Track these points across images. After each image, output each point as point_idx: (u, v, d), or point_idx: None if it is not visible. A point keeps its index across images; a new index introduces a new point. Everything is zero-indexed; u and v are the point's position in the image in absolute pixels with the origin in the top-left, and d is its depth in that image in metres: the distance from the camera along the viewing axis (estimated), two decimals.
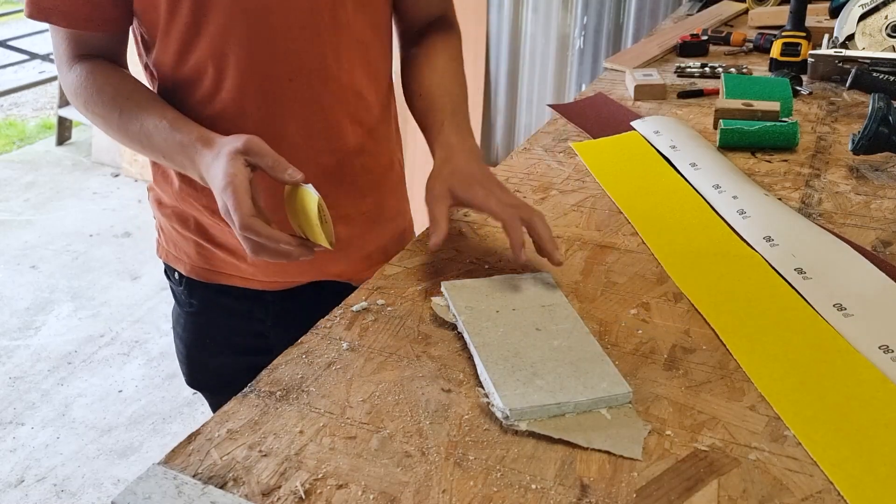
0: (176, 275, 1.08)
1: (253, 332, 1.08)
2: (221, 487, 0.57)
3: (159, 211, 1.06)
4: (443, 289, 0.79)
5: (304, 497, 0.56)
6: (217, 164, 0.77)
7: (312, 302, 0.91)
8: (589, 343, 0.70)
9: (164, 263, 1.09)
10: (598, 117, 1.30)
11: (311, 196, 0.76)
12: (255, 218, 0.74)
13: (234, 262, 1.02)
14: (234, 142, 0.77)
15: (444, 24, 1.06)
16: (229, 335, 1.09)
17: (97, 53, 0.92)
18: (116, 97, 0.88)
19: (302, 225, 0.78)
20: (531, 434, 0.61)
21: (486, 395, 0.65)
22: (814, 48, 1.49)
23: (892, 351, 0.70)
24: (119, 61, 0.95)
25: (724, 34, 1.70)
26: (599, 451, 0.59)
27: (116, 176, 3.90)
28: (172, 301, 1.14)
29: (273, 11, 0.87)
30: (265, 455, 0.60)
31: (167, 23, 0.88)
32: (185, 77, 0.92)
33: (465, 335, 0.72)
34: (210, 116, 0.91)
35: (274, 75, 0.90)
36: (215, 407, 1.15)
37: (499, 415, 0.62)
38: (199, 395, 2.40)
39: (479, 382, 0.67)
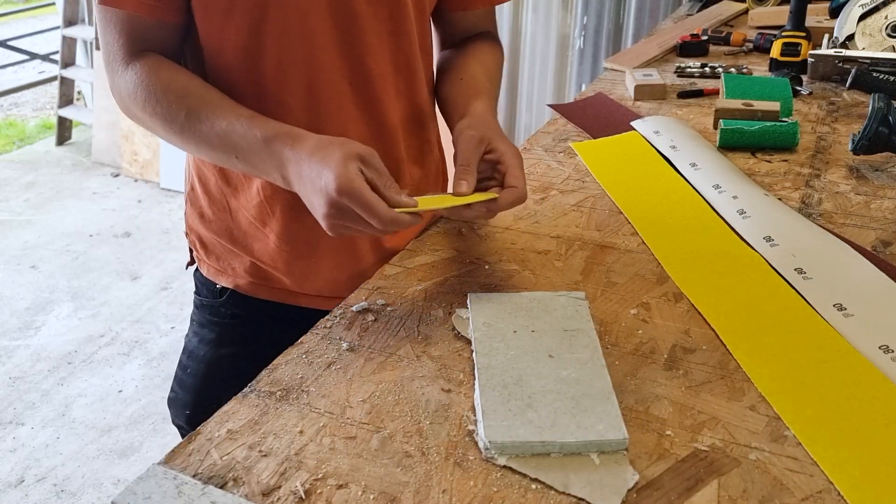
0: (218, 287, 1.05)
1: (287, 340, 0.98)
2: (221, 487, 0.57)
3: (203, 225, 1.03)
4: (468, 301, 0.77)
5: (304, 497, 0.56)
6: (318, 164, 0.74)
7: None
8: (600, 377, 0.67)
9: (204, 279, 1.06)
10: (598, 117, 1.30)
11: None
12: (395, 212, 0.72)
13: (279, 276, 1.00)
14: (345, 145, 0.74)
15: (488, 36, 1.06)
16: (270, 348, 1.02)
17: (155, 50, 0.87)
18: (184, 96, 0.83)
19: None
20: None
21: (474, 422, 0.63)
22: (814, 48, 1.49)
23: (892, 351, 0.70)
24: (177, 58, 0.91)
25: (724, 34, 1.70)
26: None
27: (116, 176, 3.90)
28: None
29: (341, 12, 0.88)
30: (265, 455, 0.60)
31: (229, 11, 0.86)
32: (243, 72, 0.89)
33: (473, 354, 0.70)
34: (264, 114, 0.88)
35: (335, 79, 0.90)
36: None
37: (480, 444, 0.60)
38: None
39: (473, 406, 0.65)
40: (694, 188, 1.03)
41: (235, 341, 1.06)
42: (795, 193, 1.03)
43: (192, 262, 1.11)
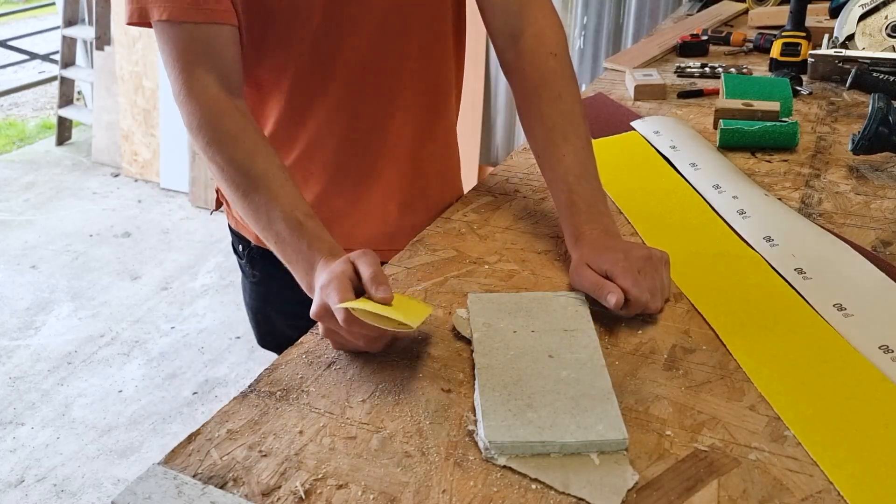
0: (240, 247, 1.11)
1: (307, 303, 1.05)
2: (221, 487, 0.57)
3: None
4: (468, 301, 0.77)
5: (304, 497, 0.56)
6: (329, 267, 0.75)
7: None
8: (600, 378, 0.66)
9: (231, 235, 1.13)
10: (598, 117, 1.30)
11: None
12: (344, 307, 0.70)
13: None
14: (352, 254, 0.75)
15: (538, 35, 0.96)
16: (286, 304, 1.05)
17: (216, 71, 0.85)
18: (246, 174, 0.83)
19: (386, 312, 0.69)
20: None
21: (474, 422, 0.63)
22: (814, 48, 1.49)
23: (892, 351, 0.70)
24: (238, 82, 0.88)
25: (724, 34, 1.70)
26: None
27: (116, 176, 3.90)
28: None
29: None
30: (265, 455, 0.60)
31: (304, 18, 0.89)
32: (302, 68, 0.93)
33: (473, 354, 0.70)
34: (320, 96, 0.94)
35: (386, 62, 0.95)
36: None
37: (480, 445, 0.60)
38: (200, 395, 2.41)
39: (473, 406, 0.65)
40: (694, 188, 1.03)
41: (260, 298, 1.14)
42: (795, 193, 1.03)
43: (217, 208, 1.15)
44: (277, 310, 1.13)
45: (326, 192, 1.01)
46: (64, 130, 4.34)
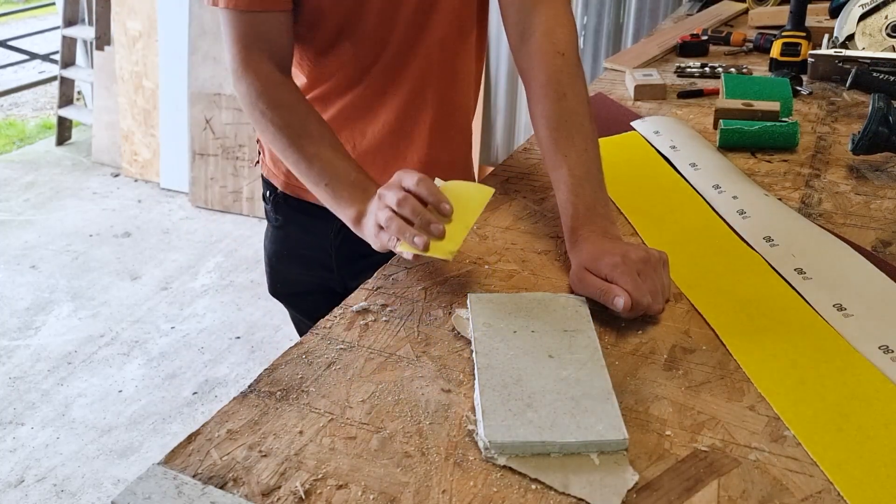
0: (268, 193, 1.20)
1: (320, 248, 1.17)
2: (221, 487, 0.57)
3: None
4: (468, 301, 0.77)
5: (304, 497, 0.56)
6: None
7: None
8: (600, 378, 0.66)
9: (262, 181, 1.23)
10: (598, 117, 1.29)
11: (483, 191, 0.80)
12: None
13: None
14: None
15: (548, 34, 0.96)
16: (301, 248, 1.20)
17: (270, 51, 0.96)
18: (301, 135, 0.94)
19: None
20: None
21: (474, 422, 0.63)
22: (814, 48, 1.49)
23: (892, 351, 0.70)
24: (288, 54, 0.99)
25: (724, 34, 1.70)
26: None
27: (116, 176, 3.90)
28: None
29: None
30: (265, 455, 0.60)
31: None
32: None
33: (473, 354, 0.70)
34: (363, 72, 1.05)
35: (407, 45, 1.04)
36: (292, 318, 1.34)
37: (480, 444, 0.60)
38: (199, 395, 2.41)
39: (473, 406, 0.65)
40: (694, 188, 1.03)
41: (279, 242, 1.23)
42: (795, 193, 1.03)
43: (258, 162, 1.26)
44: (293, 254, 1.21)
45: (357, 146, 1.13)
46: (64, 130, 4.34)
